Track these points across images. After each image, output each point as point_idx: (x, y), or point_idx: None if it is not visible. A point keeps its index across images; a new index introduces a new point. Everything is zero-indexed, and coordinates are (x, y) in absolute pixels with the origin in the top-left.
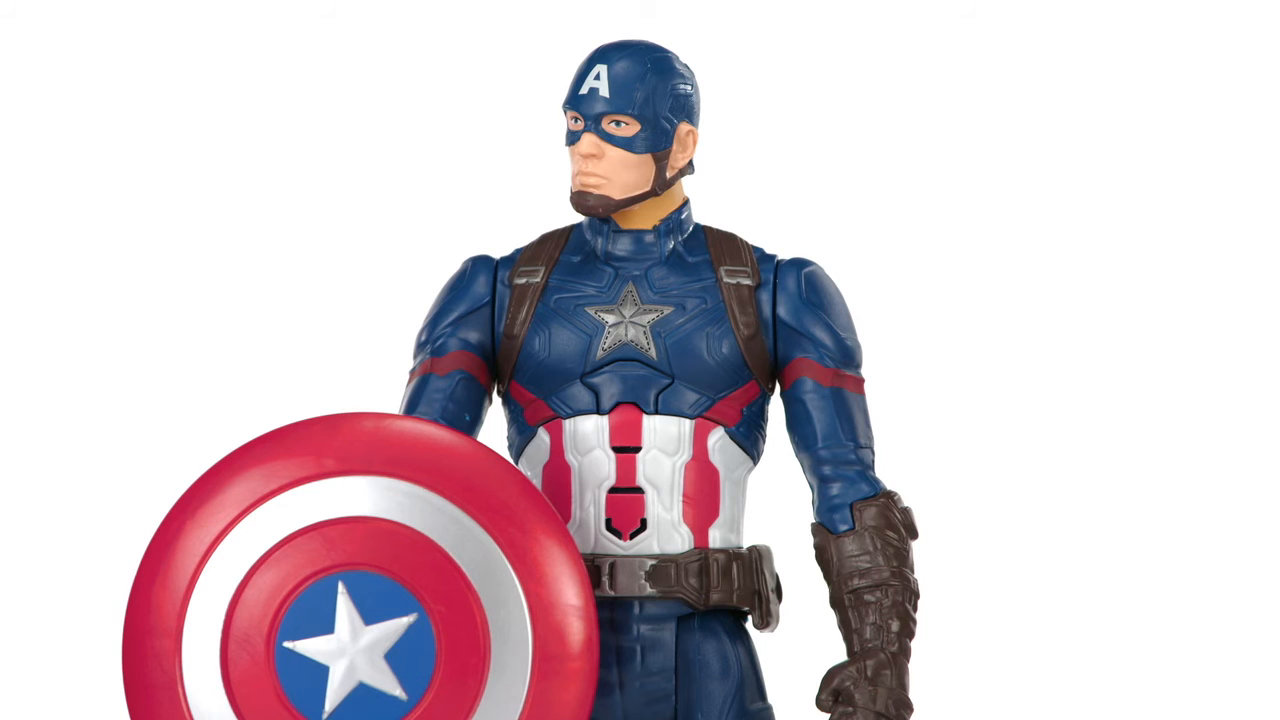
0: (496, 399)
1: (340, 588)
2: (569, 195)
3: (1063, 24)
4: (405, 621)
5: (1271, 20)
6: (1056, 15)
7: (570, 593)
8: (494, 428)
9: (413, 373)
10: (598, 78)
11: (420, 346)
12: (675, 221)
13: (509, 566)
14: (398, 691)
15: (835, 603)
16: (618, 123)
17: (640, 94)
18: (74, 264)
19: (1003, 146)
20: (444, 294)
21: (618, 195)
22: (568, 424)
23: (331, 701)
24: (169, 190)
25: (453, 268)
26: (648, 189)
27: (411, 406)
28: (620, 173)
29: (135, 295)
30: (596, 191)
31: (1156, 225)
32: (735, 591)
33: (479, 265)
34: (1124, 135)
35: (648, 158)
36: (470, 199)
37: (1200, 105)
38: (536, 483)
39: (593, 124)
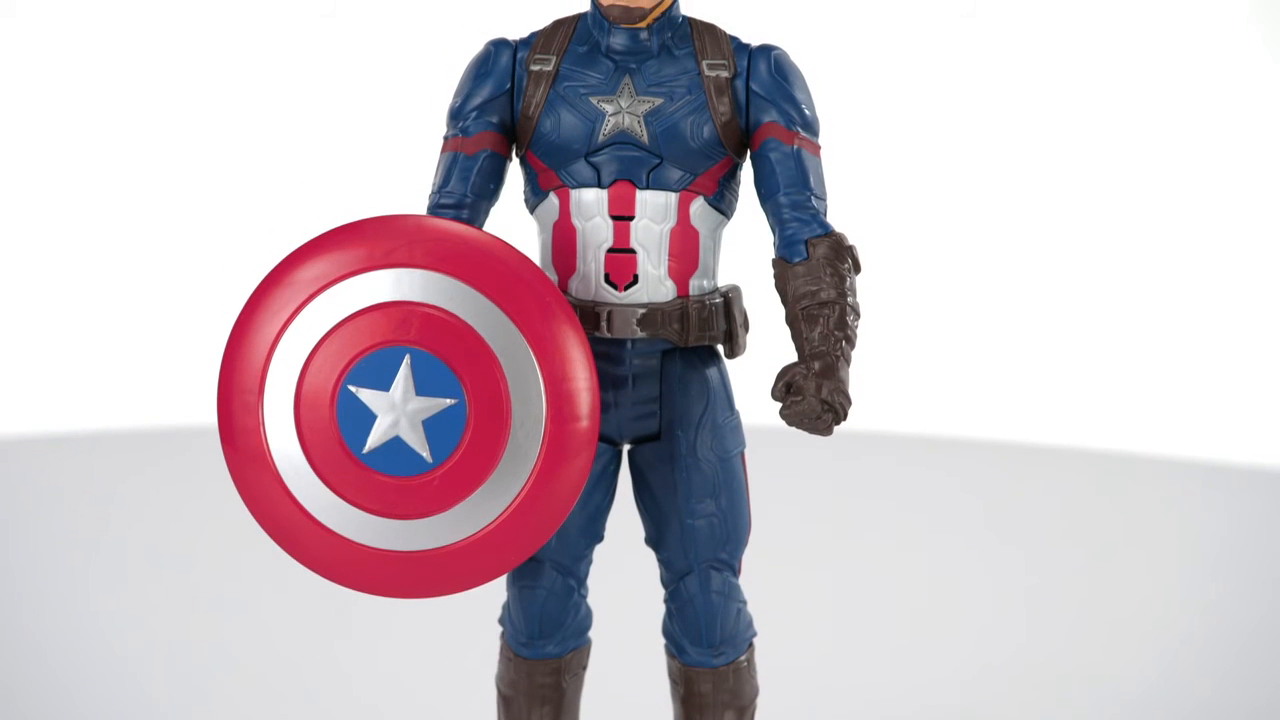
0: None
1: (406, 359)
2: (601, 6)
3: (1061, 24)
4: (448, 402)
5: (1258, 19)
6: (1055, 15)
7: (580, 374)
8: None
9: (446, 141)
10: None
11: (451, 121)
12: (667, 19)
13: (532, 355)
14: (425, 453)
15: (790, 320)
16: None
17: None
18: (81, 257)
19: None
20: (469, 77)
21: (648, 5)
22: (574, 193)
23: (371, 443)
24: (169, 191)
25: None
26: None
27: (445, 181)
28: None
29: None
30: (635, 5)
31: (1151, 220)
32: (709, 332)
33: (500, 49)
34: (1119, 132)
35: None
36: None
37: (1196, 103)
38: (547, 238)
39: None
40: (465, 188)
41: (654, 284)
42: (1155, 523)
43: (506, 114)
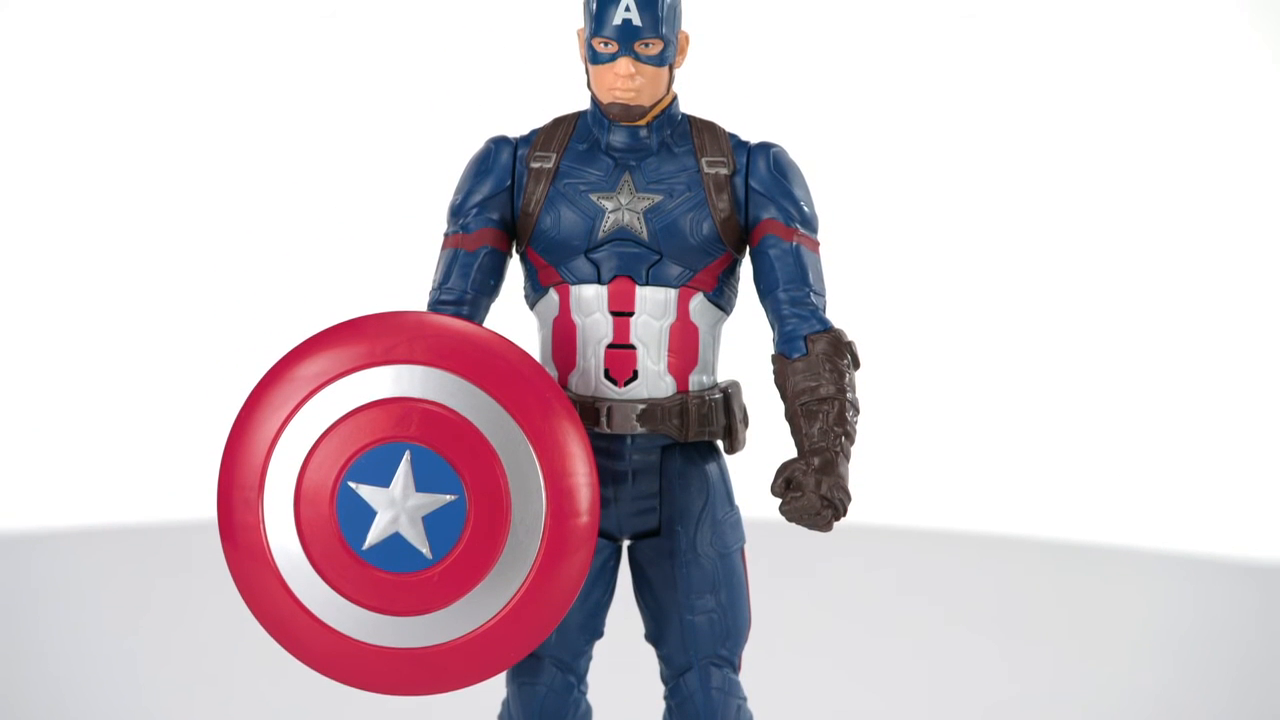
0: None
1: (406, 455)
2: (601, 104)
3: (1059, 24)
4: (448, 498)
5: (1254, 21)
6: (1053, 16)
7: (580, 470)
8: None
9: (446, 237)
10: (628, 9)
11: (452, 218)
12: (667, 117)
13: (532, 451)
14: (424, 549)
15: (789, 416)
16: (647, 44)
17: (661, 17)
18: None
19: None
20: (470, 174)
21: (648, 103)
22: (574, 289)
23: (371, 540)
24: (172, 189)
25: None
26: (665, 93)
27: (446, 277)
28: (650, 86)
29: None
30: (635, 103)
31: (1145, 215)
32: (709, 427)
33: (500, 146)
34: (1115, 130)
35: (666, 68)
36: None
37: (1195, 105)
38: (547, 334)
39: (626, 48)
40: (466, 284)
41: (654, 379)
42: (1129, 613)
43: (507, 211)
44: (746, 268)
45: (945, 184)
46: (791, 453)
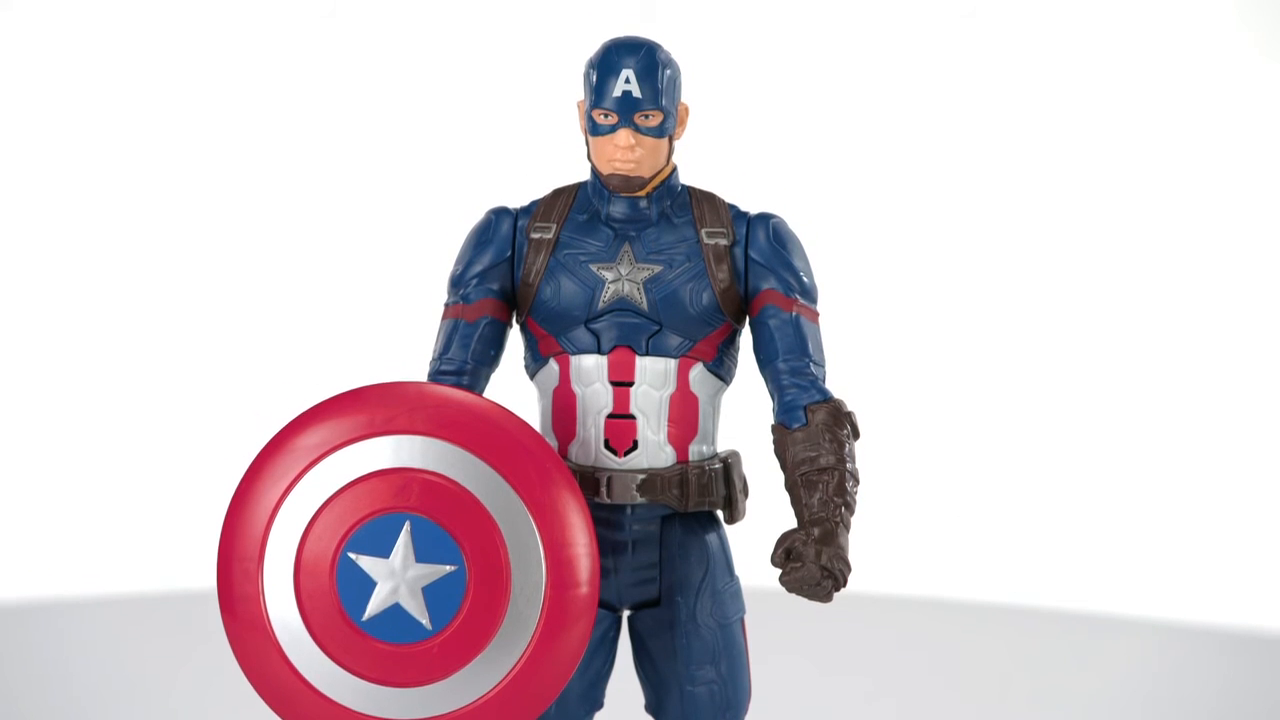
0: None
1: (406, 526)
2: (601, 176)
3: (1060, 24)
4: (447, 569)
5: (1257, 22)
6: (1053, 16)
7: (580, 540)
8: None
9: (447, 308)
10: (628, 81)
11: (452, 289)
12: (666, 188)
13: (532, 521)
14: (424, 620)
15: (789, 486)
16: (646, 116)
17: (661, 89)
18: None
19: (996, 139)
20: (471, 245)
21: (648, 174)
22: (574, 359)
23: (371, 611)
24: (172, 189)
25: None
26: (664, 164)
27: (446, 348)
28: (650, 157)
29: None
30: (634, 175)
31: (1144, 217)
32: (709, 497)
33: (501, 217)
34: (1115, 130)
35: (666, 139)
36: (469, 195)
37: (1190, 106)
38: (547, 404)
39: (626, 120)
40: (466, 354)
41: (654, 449)
42: (1103, 678)
43: (507, 281)
44: (746, 338)
45: (944, 219)
46: (791, 522)
